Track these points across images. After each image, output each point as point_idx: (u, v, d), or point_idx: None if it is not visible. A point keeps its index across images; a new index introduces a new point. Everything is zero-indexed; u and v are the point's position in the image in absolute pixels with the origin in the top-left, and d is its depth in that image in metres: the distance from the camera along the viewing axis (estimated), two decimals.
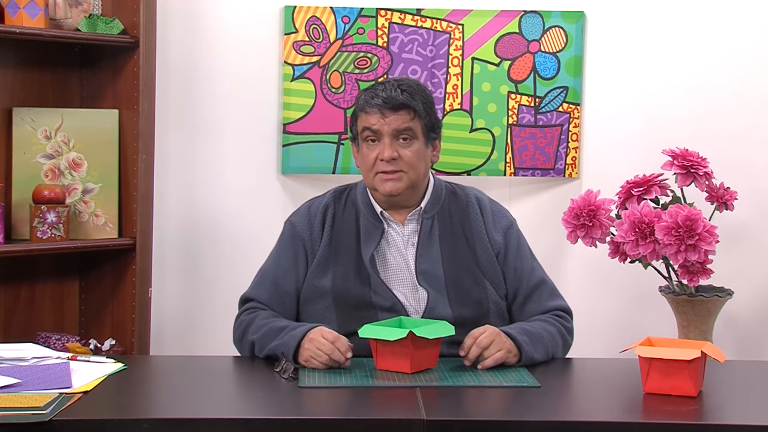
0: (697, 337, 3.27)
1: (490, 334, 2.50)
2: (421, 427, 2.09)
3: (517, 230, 2.79)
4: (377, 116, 2.66)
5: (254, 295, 2.72)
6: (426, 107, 2.70)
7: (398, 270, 2.68)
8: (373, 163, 2.67)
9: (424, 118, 2.69)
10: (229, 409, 2.27)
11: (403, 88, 2.68)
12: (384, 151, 2.65)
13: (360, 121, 2.71)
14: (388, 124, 2.65)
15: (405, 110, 2.66)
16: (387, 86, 2.68)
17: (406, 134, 2.66)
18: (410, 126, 2.66)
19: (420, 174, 2.70)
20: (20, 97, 3.29)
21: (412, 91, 2.68)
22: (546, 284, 2.75)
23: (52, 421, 2.06)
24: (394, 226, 2.72)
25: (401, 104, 2.65)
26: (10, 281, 3.31)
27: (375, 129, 2.66)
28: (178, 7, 3.61)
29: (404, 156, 2.66)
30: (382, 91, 2.67)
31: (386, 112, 2.65)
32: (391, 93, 2.66)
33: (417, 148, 2.68)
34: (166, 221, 3.62)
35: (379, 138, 2.67)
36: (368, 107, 2.67)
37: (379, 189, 2.69)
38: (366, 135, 2.68)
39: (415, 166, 2.68)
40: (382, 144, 2.66)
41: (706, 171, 3.31)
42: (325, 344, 2.46)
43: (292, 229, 2.76)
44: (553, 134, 3.71)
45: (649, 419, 2.17)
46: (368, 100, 2.68)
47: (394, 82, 2.71)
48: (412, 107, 2.66)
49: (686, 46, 3.70)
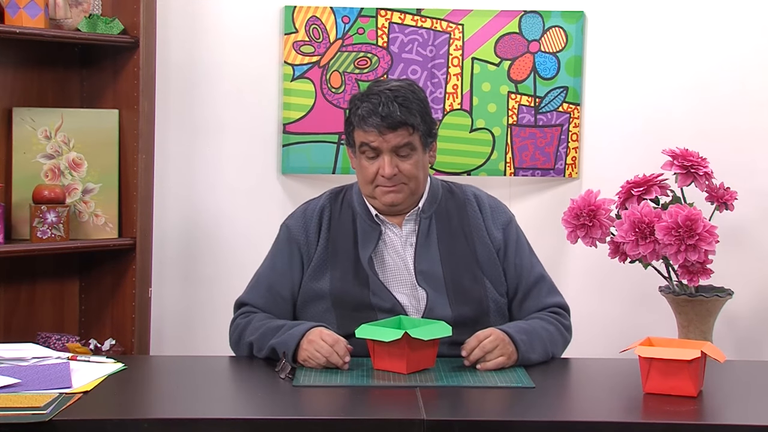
0: (697, 337, 3.27)
1: (495, 339, 2.49)
2: (421, 427, 2.09)
3: (516, 226, 2.78)
4: (375, 134, 2.60)
5: (249, 300, 2.71)
6: (423, 116, 2.64)
7: (397, 271, 2.67)
8: (373, 177, 2.65)
9: (421, 128, 2.64)
10: (228, 409, 2.27)
11: (399, 101, 2.60)
12: (384, 168, 2.62)
13: (357, 136, 2.65)
14: (387, 141, 2.61)
15: (404, 127, 2.61)
16: (383, 99, 2.60)
17: (405, 149, 2.63)
18: (409, 141, 2.62)
19: (420, 182, 2.69)
20: (20, 97, 3.28)
21: (409, 103, 2.61)
22: (545, 280, 2.75)
23: (52, 421, 2.06)
24: (391, 228, 2.72)
25: (400, 122, 2.60)
26: (10, 281, 3.31)
27: (374, 146, 2.62)
28: (178, 7, 3.61)
29: (404, 170, 2.64)
30: (379, 106, 2.59)
31: (385, 131, 2.60)
32: (389, 109, 2.59)
33: (416, 160, 2.65)
34: (166, 221, 3.62)
35: (378, 154, 2.63)
36: (366, 126, 2.61)
37: (380, 200, 2.67)
38: (364, 150, 2.65)
39: (415, 177, 2.66)
40: (382, 160, 2.62)
41: (706, 171, 3.30)
42: (324, 347, 2.45)
43: (287, 233, 2.75)
44: (553, 134, 3.71)
45: (649, 419, 2.18)
46: (365, 117, 2.61)
47: (389, 94, 2.61)
48: (410, 123, 2.61)
49: (686, 46, 3.70)
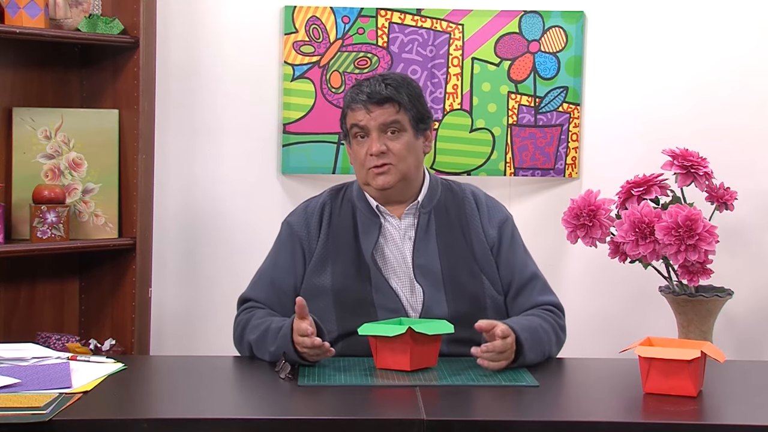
0: (697, 337, 3.27)
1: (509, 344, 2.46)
2: (421, 427, 2.08)
3: (512, 225, 2.79)
4: (363, 112, 2.67)
5: (252, 295, 2.72)
6: (412, 99, 2.69)
7: (396, 265, 2.68)
8: (364, 159, 2.68)
9: (411, 110, 2.69)
10: (229, 409, 2.27)
11: (387, 82, 2.68)
12: (372, 146, 2.66)
13: (348, 119, 2.72)
14: (375, 119, 2.66)
15: (390, 103, 2.67)
16: (372, 81, 2.70)
17: (393, 127, 2.67)
18: (396, 119, 2.67)
19: (411, 166, 2.70)
20: (20, 97, 3.29)
21: (397, 84, 2.69)
22: (538, 279, 2.74)
23: (52, 421, 2.05)
24: (390, 220, 2.73)
25: (385, 98, 2.66)
26: (10, 281, 3.31)
27: (362, 125, 2.67)
28: (178, 7, 3.61)
29: (393, 149, 2.67)
30: (366, 86, 2.69)
31: (371, 107, 2.66)
32: (375, 87, 2.67)
33: (406, 141, 2.68)
34: (166, 221, 3.62)
35: (367, 134, 2.68)
36: (353, 104, 2.69)
37: (372, 184, 2.69)
38: (355, 132, 2.70)
39: (404, 158, 2.68)
40: (371, 139, 2.67)
41: (706, 171, 3.31)
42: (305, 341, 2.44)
43: (289, 229, 2.76)
44: (553, 134, 3.71)
45: (649, 419, 2.17)
46: (354, 96, 2.69)
47: (378, 77, 2.71)
48: (396, 100, 2.67)
49: (686, 46, 3.70)
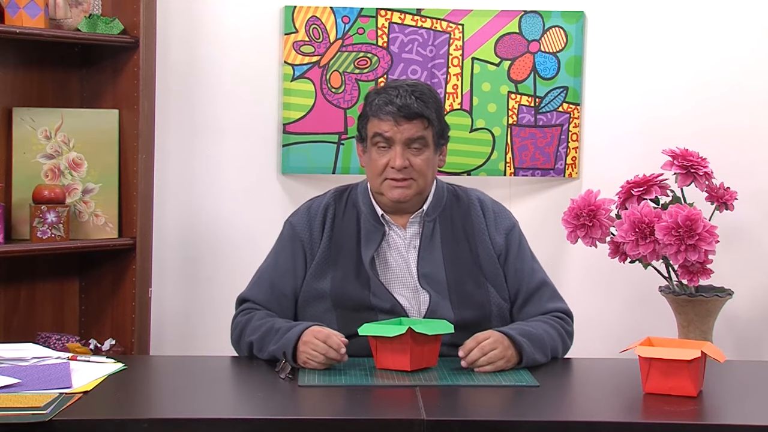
0: (697, 337, 3.27)
1: (494, 341, 2.48)
2: (421, 427, 2.08)
3: (519, 232, 2.77)
4: (391, 123, 2.62)
5: (251, 296, 2.71)
6: (438, 114, 2.67)
7: (399, 273, 2.67)
8: (383, 170, 2.65)
9: (436, 127, 2.66)
10: (229, 409, 2.27)
11: (416, 95, 2.63)
12: (395, 159, 2.62)
13: (371, 126, 2.66)
14: (402, 132, 2.62)
15: (419, 119, 2.62)
16: (401, 92, 2.63)
17: (418, 143, 2.64)
18: (423, 135, 2.64)
19: (428, 181, 2.69)
20: (20, 97, 3.28)
21: (426, 98, 2.64)
22: (547, 286, 2.73)
23: (52, 421, 2.06)
24: (395, 229, 2.71)
25: (416, 114, 2.62)
26: (10, 281, 3.30)
27: (387, 136, 2.63)
28: (178, 7, 3.61)
29: (415, 164, 2.64)
30: (396, 97, 2.62)
31: (400, 120, 2.61)
32: (406, 100, 2.61)
33: (427, 156, 2.65)
34: (166, 221, 3.62)
35: (390, 145, 2.64)
36: (382, 114, 2.62)
37: (387, 195, 2.66)
38: (377, 141, 2.65)
39: (424, 174, 2.66)
40: (393, 151, 2.63)
41: (706, 171, 3.31)
42: (319, 345, 2.44)
43: (291, 230, 2.74)
44: (553, 134, 3.71)
45: (649, 419, 2.17)
46: (381, 106, 2.63)
47: (407, 87, 2.64)
48: (426, 116, 2.63)
49: (686, 46, 3.70)
